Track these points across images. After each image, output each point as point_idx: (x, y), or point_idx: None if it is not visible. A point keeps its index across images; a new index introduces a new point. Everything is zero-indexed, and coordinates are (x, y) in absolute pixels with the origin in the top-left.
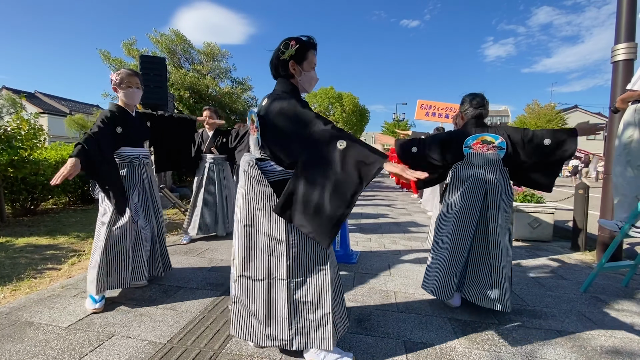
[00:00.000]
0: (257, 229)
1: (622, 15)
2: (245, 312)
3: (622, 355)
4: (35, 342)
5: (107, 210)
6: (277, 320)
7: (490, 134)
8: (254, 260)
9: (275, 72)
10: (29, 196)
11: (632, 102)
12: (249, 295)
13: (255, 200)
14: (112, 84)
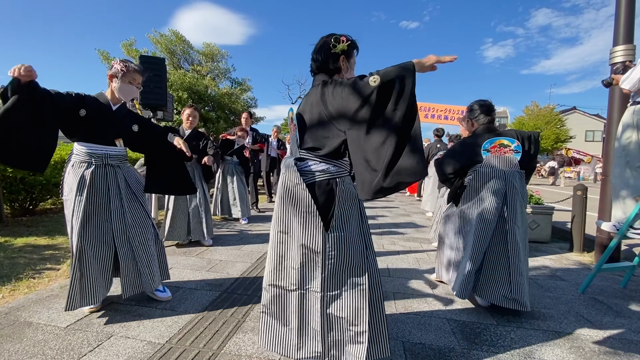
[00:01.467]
0: (292, 237)
1: (620, 18)
2: (275, 322)
3: (620, 356)
4: (34, 342)
5: (68, 217)
6: (309, 334)
7: (506, 137)
8: (286, 269)
9: (321, 65)
10: (28, 196)
11: (630, 103)
12: (280, 306)
13: (291, 205)
14: (112, 70)
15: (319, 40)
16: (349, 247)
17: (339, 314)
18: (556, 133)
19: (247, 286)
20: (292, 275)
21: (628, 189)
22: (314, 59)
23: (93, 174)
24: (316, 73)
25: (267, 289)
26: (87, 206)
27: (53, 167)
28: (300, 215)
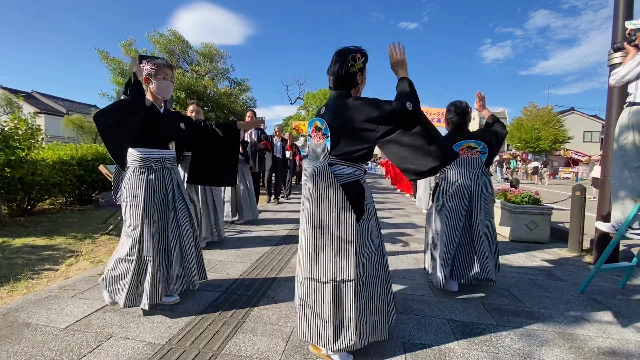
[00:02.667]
0: (327, 232)
1: (618, 19)
2: (313, 314)
3: (619, 356)
4: (33, 344)
5: (132, 221)
6: (344, 324)
7: (473, 140)
8: (321, 262)
9: (341, 84)
10: (26, 196)
11: (626, 104)
12: (316, 298)
13: (325, 204)
14: (145, 73)
15: (335, 55)
16: (373, 236)
17: (370, 296)
18: (554, 134)
19: (247, 287)
20: (327, 268)
21: (626, 190)
22: (332, 73)
23: (157, 179)
24: (335, 87)
25: (303, 282)
26: (154, 209)
27: (51, 168)
28: (335, 211)
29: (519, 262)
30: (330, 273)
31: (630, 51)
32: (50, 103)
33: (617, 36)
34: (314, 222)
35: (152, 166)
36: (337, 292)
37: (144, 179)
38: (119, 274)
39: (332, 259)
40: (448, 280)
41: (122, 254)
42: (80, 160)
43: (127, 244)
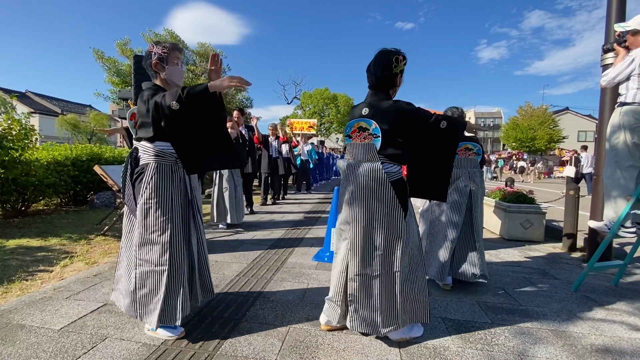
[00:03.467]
0: (376, 229)
1: (611, 20)
2: (362, 308)
3: (612, 354)
4: (27, 345)
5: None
6: (391, 310)
7: (471, 142)
8: (370, 258)
9: (382, 84)
10: (20, 197)
11: (617, 104)
12: (366, 292)
13: (376, 202)
14: (155, 58)
15: (378, 56)
16: (415, 231)
17: (413, 285)
18: (549, 133)
19: (243, 287)
20: (377, 262)
21: (618, 189)
22: (374, 74)
23: (179, 176)
24: (375, 87)
25: (354, 279)
26: (180, 210)
27: (46, 168)
28: (385, 209)
29: (514, 261)
30: (380, 267)
31: (621, 52)
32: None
33: (609, 37)
34: (363, 220)
35: (174, 162)
36: (385, 284)
37: (169, 176)
38: (150, 290)
39: (381, 254)
40: (445, 275)
41: (150, 266)
42: (75, 160)
43: (155, 253)
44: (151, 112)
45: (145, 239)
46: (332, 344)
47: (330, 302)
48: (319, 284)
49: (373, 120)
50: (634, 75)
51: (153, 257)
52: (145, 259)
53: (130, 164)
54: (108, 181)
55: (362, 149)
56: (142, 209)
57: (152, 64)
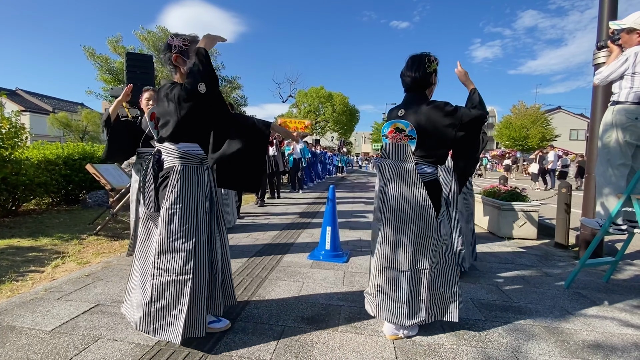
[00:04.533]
0: (407, 227)
1: (603, 20)
2: (388, 299)
3: (604, 349)
4: (18, 347)
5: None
6: (417, 305)
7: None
8: (400, 254)
9: (418, 85)
10: (10, 197)
11: (610, 103)
12: (393, 284)
13: (408, 201)
14: (175, 51)
15: (410, 60)
16: (447, 230)
17: (442, 282)
18: (542, 132)
19: (238, 286)
20: (406, 258)
21: (610, 187)
22: (409, 76)
23: (208, 177)
24: (411, 88)
25: (383, 271)
26: (206, 214)
27: (36, 167)
28: (416, 208)
29: (507, 258)
30: (408, 263)
31: (614, 50)
32: (36, 101)
33: (601, 36)
34: (395, 218)
35: (199, 164)
36: (413, 279)
37: (194, 180)
38: (169, 302)
39: (410, 251)
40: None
41: (170, 275)
42: (66, 159)
43: (178, 261)
44: (177, 105)
45: (167, 246)
46: (327, 343)
47: (368, 295)
48: (314, 282)
49: (409, 122)
50: (627, 74)
51: (175, 265)
52: (165, 268)
53: (153, 167)
54: (100, 180)
55: (397, 150)
56: (165, 215)
57: (172, 57)
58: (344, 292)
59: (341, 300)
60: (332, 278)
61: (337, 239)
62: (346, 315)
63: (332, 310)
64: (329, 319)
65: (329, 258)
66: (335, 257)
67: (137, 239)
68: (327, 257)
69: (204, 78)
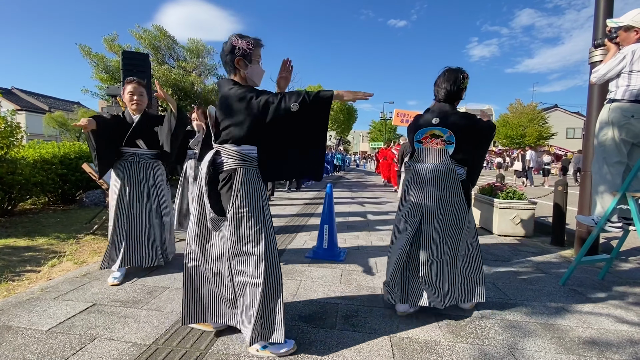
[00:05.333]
0: (444, 221)
1: (599, 18)
2: (435, 287)
3: (599, 345)
4: (14, 347)
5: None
6: (453, 286)
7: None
8: (437, 245)
9: (451, 97)
10: (6, 196)
11: (606, 101)
12: (437, 273)
13: (447, 199)
14: (239, 54)
15: (447, 73)
16: (473, 221)
17: (471, 267)
18: (539, 130)
19: None
20: (444, 249)
21: (605, 184)
22: (444, 88)
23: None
24: (444, 99)
25: (426, 263)
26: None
27: (32, 167)
28: (454, 204)
29: (504, 256)
30: (444, 252)
31: (611, 48)
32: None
33: (597, 34)
34: (433, 213)
35: (257, 167)
36: (449, 266)
37: (257, 182)
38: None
39: (445, 242)
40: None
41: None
42: (62, 158)
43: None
44: (256, 112)
45: (238, 250)
46: (325, 341)
47: (386, 286)
48: (311, 281)
49: (447, 129)
50: (624, 73)
51: (248, 268)
52: (241, 270)
53: (209, 169)
54: (97, 179)
55: (436, 154)
56: (233, 219)
57: (235, 60)
58: (341, 290)
59: (339, 299)
60: (330, 276)
61: (334, 237)
62: (344, 314)
63: (329, 308)
64: (327, 317)
65: (327, 257)
66: (333, 256)
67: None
68: (324, 256)
69: (303, 101)
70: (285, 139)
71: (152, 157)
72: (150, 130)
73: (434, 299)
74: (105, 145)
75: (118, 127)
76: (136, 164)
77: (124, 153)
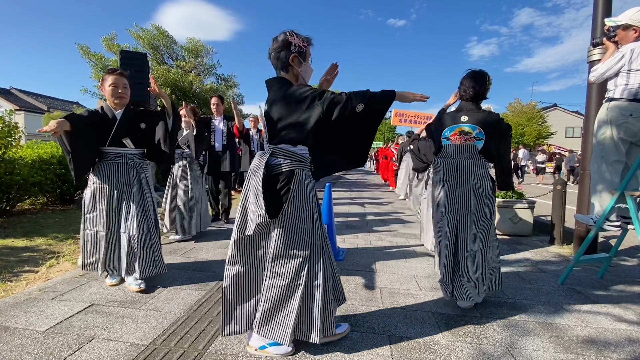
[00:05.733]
0: (479, 214)
1: (597, 18)
2: (473, 280)
3: (597, 344)
4: (11, 347)
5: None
6: (484, 280)
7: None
8: (473, 238)
9: (479, 97)
10: (4, 197)
11: (605, 100)
12: (473, 266)
13: (481, 191)
14: (295, 50)
15: (473, 75)
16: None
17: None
18: (538, 129)
19: None
20: (477, 242)
21: (604, 183)
22: (472, 87)
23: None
24: (471, 99)
25: (466, 256)
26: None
27: (31, 167)
28: (485, 196)
29: (503, 255)
30: (478, 244)
31: (610, 47)
32: (30, 100)
33: (596, 33)
34: (471, 208)
35: (309, 168)
36: (482, 257)
37: (311, 184)
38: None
39: (479, 234)
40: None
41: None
42: (61, 158)
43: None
44: (320, 112)
45: (284, 251)
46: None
47: (443, 284)
48: None
49: (477, 126)
50: (623, 72)
51: (290, 271)
52: (279, 273)
53: (265, 171)
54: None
55: (465, 150)
56: (287, 221)
57: (290, 57)
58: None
59: None
60: None
61: (333, 237)
62: (342, 313)
63: None
64: None
65: None
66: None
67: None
68: None
69: (369, 102)
70: (341, 136)
71: (140, 157)
72: (137, 127)
73: (473, 294)
74: (82, 147)
75: (98, 124)
76: (124, 165)
77: (107, 153)
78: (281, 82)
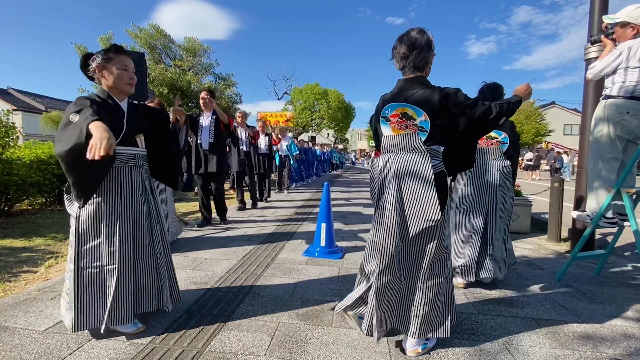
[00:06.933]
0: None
1: (594, 15)
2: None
3: (593, 340)
4: (11, 347)
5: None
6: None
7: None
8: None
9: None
10: (3, 197)
11: (602, 97)
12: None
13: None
14: (434, 50)
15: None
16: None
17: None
18: (536, 127)
19: (233, 283)
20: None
21: (600, 180)
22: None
23: None
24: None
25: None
26: None
27: (29, 167)
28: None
29: None
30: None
31: (608, 45)
32: (28, 100)
33: (593, 31)
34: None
35: None
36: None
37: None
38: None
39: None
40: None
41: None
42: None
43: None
44: (472, 118)
45: (440, 252)
46: (322, 338)
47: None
48: (309, 278)
49: (502, 132)
50: (620, 69)
51: (441, 268)
52: (436, 272)
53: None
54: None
55: (492, 152)
56: (444, 220)
57: (430, 57)
58: (338, 288)
59: (336, 296)
60: (327, 274)
61: (332, 235)
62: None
63: (326, 306)
64: (324, 314)
65: (324, 254)
66: (331, 254)
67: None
68: (322, 254)
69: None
70: (466, 137)
71: (147, 160)
72: (145, 121)
73: (497, 272)
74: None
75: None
76: (137, 169)
77: (118, 155)
78: (428, 84)
